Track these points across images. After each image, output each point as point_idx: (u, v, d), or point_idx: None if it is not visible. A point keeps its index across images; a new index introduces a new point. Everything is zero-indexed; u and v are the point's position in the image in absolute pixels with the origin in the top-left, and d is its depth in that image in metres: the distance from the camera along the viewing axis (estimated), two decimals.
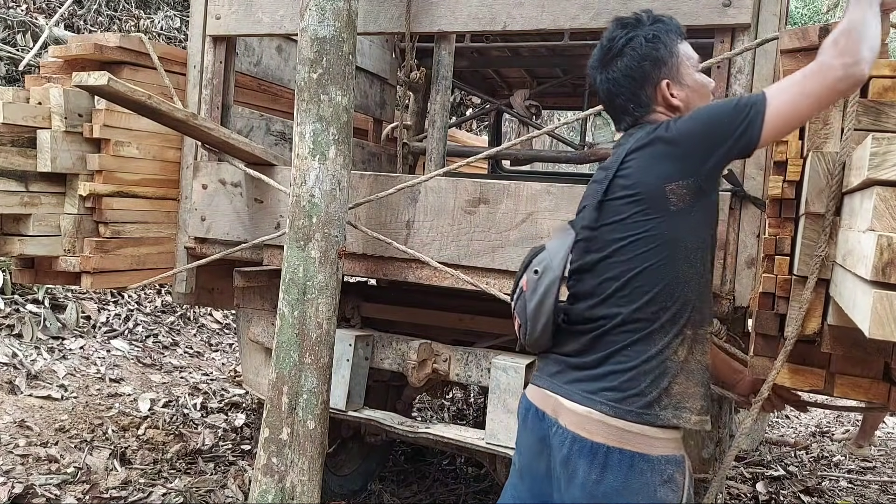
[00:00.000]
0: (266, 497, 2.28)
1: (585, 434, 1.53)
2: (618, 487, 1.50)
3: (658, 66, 1.63)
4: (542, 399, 1.65)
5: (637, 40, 1.63)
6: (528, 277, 1.65)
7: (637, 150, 1.58)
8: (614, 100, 1.69)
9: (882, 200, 1.03)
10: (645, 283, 1.54)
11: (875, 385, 1.52)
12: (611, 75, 1.67)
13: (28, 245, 2.71)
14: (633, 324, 1.54)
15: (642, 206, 1.54)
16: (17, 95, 2.68)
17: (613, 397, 1.52)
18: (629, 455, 1.51)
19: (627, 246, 1.55)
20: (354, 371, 2.74)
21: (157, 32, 6.91)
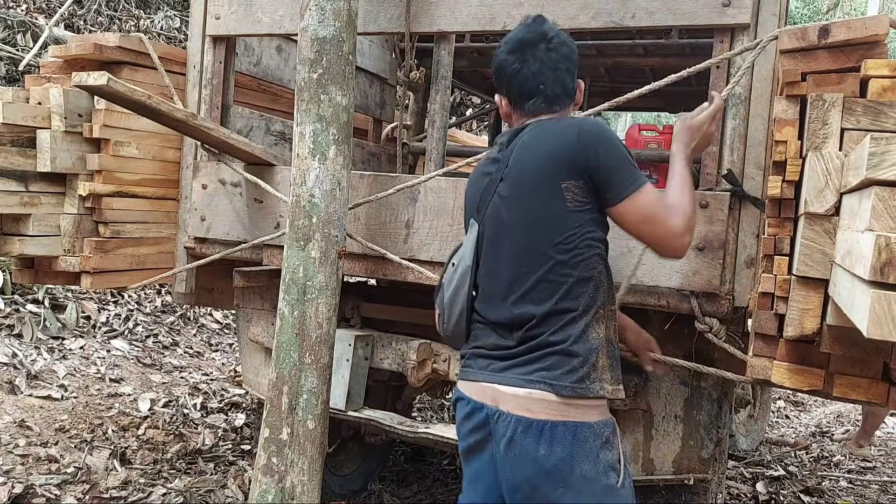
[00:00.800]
0: (266, 497, 2.28)
1: (529, 414, 1.63)
2: (565, 457, 1.61)
3: (576, 69, 1.84)
4: (479, 392, 1.73)
5: (570, 42, 1.82)
6: (447, 271, 1.86)
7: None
8: (530, 82, 1.78)
9: (880, 200, 1.03)
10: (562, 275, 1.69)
11: (874, 385, 1.52)
12: (545, 58, 1.77)
13: (28, 245, 2.71)
14: (557, 315, 1.66)
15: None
16: (17, 95, 2.69)
17: (549, 376, 1.63)
18: (572, 426, 1.62)
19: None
20: (354, 371, 2.74)
21: (157, 32, 6.92)
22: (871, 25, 1.65)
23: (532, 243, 1.69)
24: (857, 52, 1.65)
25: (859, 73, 1.60)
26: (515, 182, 1.73)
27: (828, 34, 1.67)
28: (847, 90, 1.61)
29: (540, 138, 1.74)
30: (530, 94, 1.80)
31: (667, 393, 2.54)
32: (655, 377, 2.50)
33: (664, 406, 2.54)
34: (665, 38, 3.92)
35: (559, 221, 1.67)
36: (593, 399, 1.66)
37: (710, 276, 2.17)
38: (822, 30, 1.67)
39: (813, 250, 1.47)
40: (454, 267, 1.82)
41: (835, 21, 1.69)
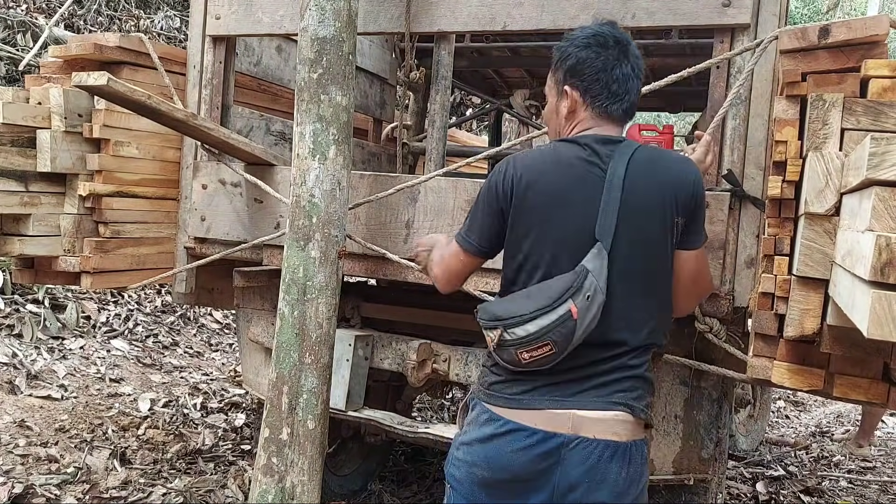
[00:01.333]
0: (266, 497, 2.28)
1: (615, 437, 1.62)
2: (634, 476, 1.63)
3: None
4: (546, 420, 1.62)
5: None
6: (580, 304, 1.58)
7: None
8: (632, 83, 1.71)
9: (881, 201, 1.03)
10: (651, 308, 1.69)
11: (874, 385, 1.52)
12: (638, 62, 1.72)
13: (28, 245, 2.71)
14: (646, 347, 1.69)
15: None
16: (17, 95, 2.68)
17: (627, 397, 1.65)
18: (640, 444, 1.66)
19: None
20: (354, 371, 2.75)
21: (157, 32, 6.91)
22: (872, 26, 1.65)
23: (652, 275, 1.67)
24: (857, 52, 1.65)
25: (859, 73, 1.59)
26: (639, 207, 1.63)
27: (828, 34, 1.67)
28: (847, 90, 1.61)
29: (656, 166, 1.67)
30: (618, 96, 1.69)
31: (667, 393, 2.54)
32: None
33: (664, 406, 2.54)
34: (665, 38, 3.92)
35: (667, 255, 1.68)
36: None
37: None
38: (822, 30, 1.67)
39: (813, 250, 1.47)
40: (589, 300, 1.58)
41: (835, 21, 1.69)
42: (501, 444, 1.65)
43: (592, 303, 1.58)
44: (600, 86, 1.68)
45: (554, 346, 1.59)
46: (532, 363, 1.62)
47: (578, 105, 1.70)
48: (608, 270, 1.60)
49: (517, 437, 1.64)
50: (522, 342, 1.60)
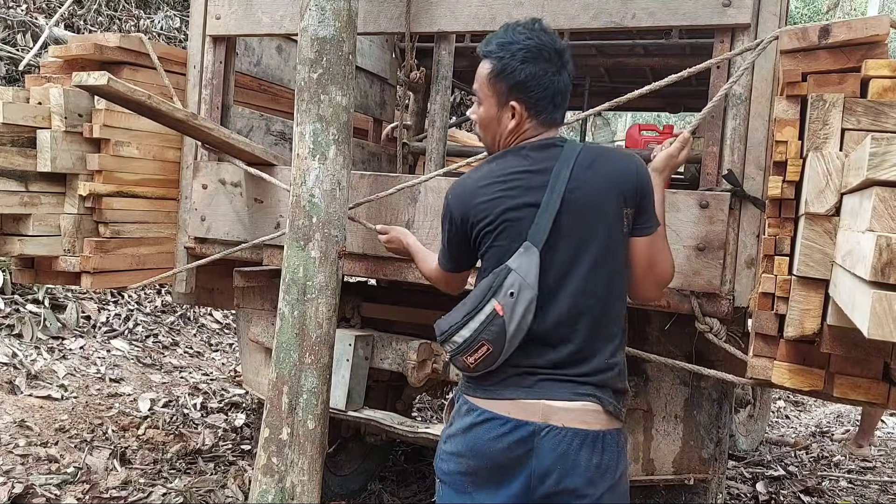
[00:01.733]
0: (266, 497, 2.28)
1: (584, 426, 1.66)
2: (608, 464, 1.67)
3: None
4: (519, 409, 1.69)
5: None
6: (504, 301, 1.67)
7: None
8: (565, 95, 1.79)
9: (881, 201, 1.03)
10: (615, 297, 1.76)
11: (875, 385, 1.52)
12: (568, 73, 1.79)
13: (28, 245, 2.71)
14: (613, 339, 1.75)
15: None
16: (17, 95, 2.68)
17: (593, 390, 1.69)
18: (614, 433, 1.70)
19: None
20: (354, 371, 2.74)
21: (157, 32, 6.91)
22: (872, 26, 1.65)
23: (602, 267, 1.70)
24: (857, 52, 1.65)
25: (860, 73, 1.60)
26: (584, 204, 1.69)
27: (828, 34, 1.67)
28: (848, 90, 1.61)
29: (601, 162, 1.73)
30: (559, 106, 1.78)
31: (667, 393, 2.54)
32: (655, 377, 2.50)
33: (664, 406, 2.54)
34: (665, 38, 3.93)
35: (621, 247, 1.73)
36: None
37: (710, 277, 2.17)
38: (822, 30, 1.67)
39: (813, 250, 1.47)
40: (513, 297, 1.66)
41: (835, 21, 1.69)
42: (480, 433, 1.72)
43: (519, 299, 1.66)
44: (547, 100, 1.76)
45: (490, 344, 1.68)
46: (479, 365, 1.70)
47: (524, 118, 1.77)
48: (548, 268, 1.68)
49: (493, 425, 1.70)
50: (462, 348, 1.71)
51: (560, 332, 1.69)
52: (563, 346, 1.69)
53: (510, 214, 1.71)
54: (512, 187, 1.72)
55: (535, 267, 1.67)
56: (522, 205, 1.70)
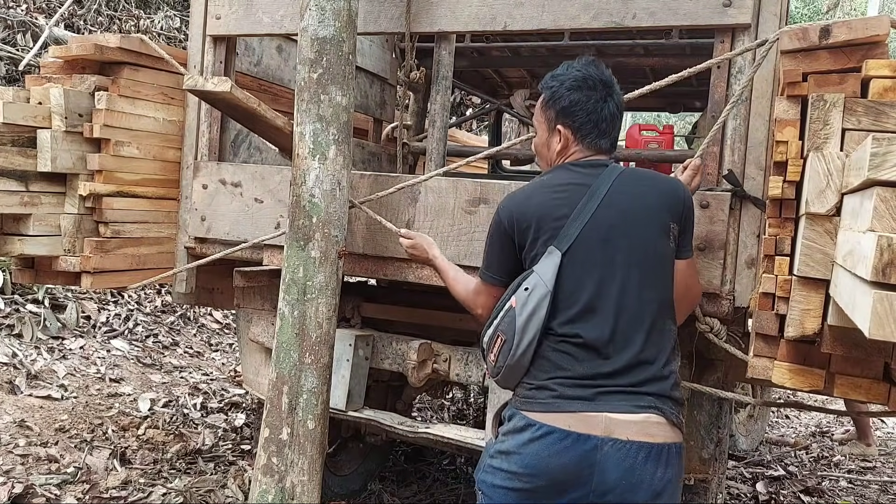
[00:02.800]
0: (266, 497, 2.28)
1: (649, 438, 1.66)
2: (671, 477, 1.69)
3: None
4: (580, 422, 1.67)
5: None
6: (518, 296, 1.75)
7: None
8: (614, 122, 1.89)
9: (882, 201, 1.03)
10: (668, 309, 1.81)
11: (875, 385, 1.52)
12: (620, 100, 1.90)
13: (28, 245, 2.71)
14: (670, 349, 1.79)
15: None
16: (18, 95, 2.68)
17: (659, 402, 1.70)
18: (678, 446, 1.72)
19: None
20: (354, 371, 2.74)
21: (157, 32, 6.91)
22: (872, 26, 1.65)
23: (650, 276, 1.75)
24: (858, 52, 1.65)
25: (860, 73, 1.59)
26: (626, 216, 1.77)
27: (829, 35, 1.67)
28: (848, 90, 1.61)
29: (644, 179, 1.87)
30: (606, 133, 1.88)
31: None
32: None
33: None
34: (665, 38, 3.92)
35: (669, 259, 1.80)
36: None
37: (710, 277, 2.17)
38: (822, 30, 1.67)
39: (814, 251, 1.47)
40: (528, 291, 1.73)
41: (836, 21, 1.69)
42: (539, 448, 1.69)
43: (532, 294, 1.73)
44: (591, 125, 1.86)
45: (503, 335, 1.76)
46: (498, 360, 1.78)
47: (570, 142, 1.88)
48: (574, 272, 1.73)
49: (552, 439, 1.68)
50: (487, 346, 1.82)
51: (614, 341, 1.70)
52: (618, 355, 1.70)
53: (551, 223, 1.78)
54: (555, 198, 1.81)
55: (554, 267, 1.72)
56: (562, 215, 1.77)
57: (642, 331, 1.71)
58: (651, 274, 1.75)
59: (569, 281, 1.73)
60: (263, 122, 2.58)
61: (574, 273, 1.73)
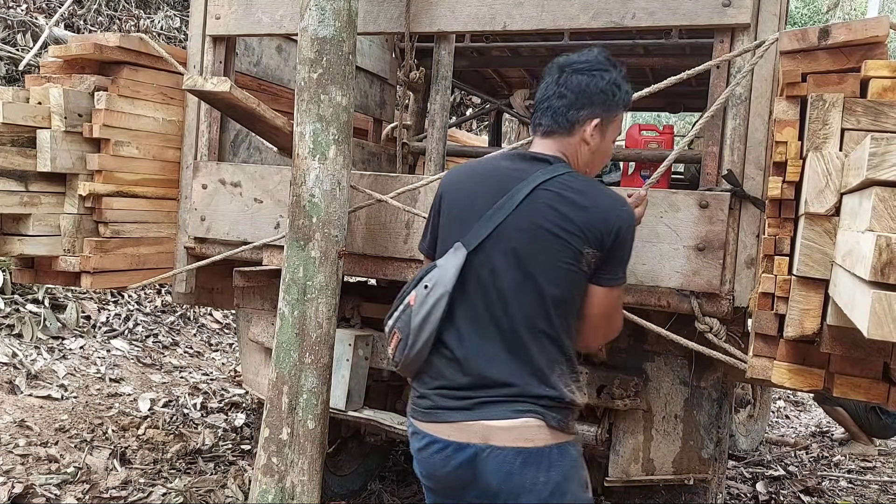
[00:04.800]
0: (266, 497, 2.29)
1: (526, 443, 1.64)
2: (556, 479, 1.65)
3: (602, 106, 1.75)
4: (458, 431, 1.68)
5: (609, 76, 1.76)
6: (418, 293, 1.72)
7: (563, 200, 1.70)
8: (552, 99, 1.77)
9: (881, 201, 1.03)
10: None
11: (874, 385, 1.52)
12: (571, 80, 1.75)
13: (28, 245, 2.71)
14: (551, 363, 1.72)
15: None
16: (17, 95, 2.68)
17: (533, 407, 1.66)
18: (564, 447, 1.68)
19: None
20: (354, 371, 2.74)
21: (157, 32, 6.91)
22: (872, 27, 1.65)
23: (540, 293, 1.67)
24: (857, 53, 1.65)
25: (859, 73, 1.60)
26: (534, 228, 1.68)
27: (828, 36, 1.67)
28: (847, 90, 1.61)
29: (580, 195, 1.70)
30: (545, 112, 1.81)
31: (667, 393, 2.54)
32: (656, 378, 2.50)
33: (664, 406, 2.54)
34: (665, 38, 3.92)
35: (569, 281, 1.68)
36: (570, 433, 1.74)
37: (710, 277, 2.17)
38: (822, 31, 1.67)
39: (813, 250, 1.47)
40: (427, 290, 1.70)
41: (835, 23, 1.70)
42: (427, 456, 1.75)
43: (431, 294, 1.69)
44: (537, 109, 1.81)
45: (400, 333, 1.75)
46: (395, 355, 1.78)
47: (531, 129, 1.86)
48: (476, 276, 1.70)
49: (435, 448, 1.72)
50: (387, 337, 1.80)
51: (487, 348, 1.68)
52: (494, 364, 1.68)
53: (467, 213, 1.74)
54: (484, 188, 1.75)
55: (456, 268, 1.69)
56: (481, 210, 1.72)
57: (522, 344, 1.67)
58: (540, 290, 1.67)
59: (467, 285, 1.70)
60: (263, 122, 2.58)
61: (471, 278, 1.70)
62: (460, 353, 1.71)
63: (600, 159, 1.84)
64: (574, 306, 1.71)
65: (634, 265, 2.24)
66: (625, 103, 1.80)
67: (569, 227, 1.66)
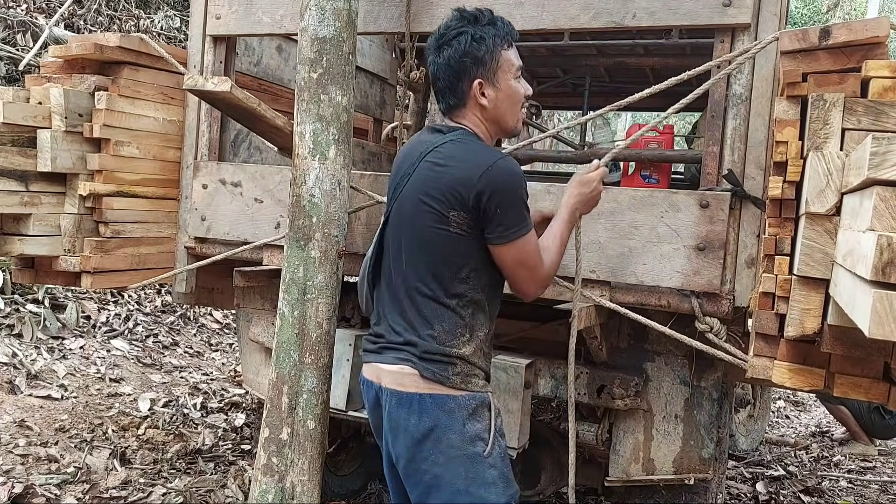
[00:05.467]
0: (266, 497, 2.28)
1: (400, 387, 1.81)
2: (432, 426, 1.77)
3: (476, 65, 1.82)
4: (369, 371, 1.94)
5: (464, 37, 1.81)
6: (366, 253, 2.05)
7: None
8: (436, 83, 1.89)
9: (882, 200, 1.03)
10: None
11: (875, 385, 1.52)
12: (438, 60, 1.86)
13: (28, 245, 2.71)
14: (436, 322, 1.86)
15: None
16: (18, 95, 2.68)
17: (410, 357, 1.82)
18: (440, 397, 1.78)
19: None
20: (354, 371, 2.74)
21: (157, 32, 6.91)
22: (872, 27, 1.65)
23: (412, 255, 1.84)
24: (857, 53, 1.65)
25: (860, 73, 1.60)
26: (410, 195, 1.85)
27: (828, 36, 1.67)
28: (848, 90, 1.61)
29: (447, 159, 1.81)
30: (438, 92, 1.93)
31: (667, 393, 2.54)
32: (656, 377, 2.51)
33: (664, 406, 2.54)
34: (665, 38, 3.93)
35: (439, 243, 1.80)
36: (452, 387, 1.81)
37: (710, 276, 2.17)
38: (822, 31, 1.67)
39: (814, 250, 1.47)
40: (368, 251, 2.02)
41: (836, 23, 1.70)
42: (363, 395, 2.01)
43: (364, 257, 2.04)
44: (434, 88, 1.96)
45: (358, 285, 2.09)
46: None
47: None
48: (385, 242, 1.94)
49: (364, 385, 1.98)
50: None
51: (391, 304, 1.89)
52: (393, 317, 1.88)
53: (392, 179, 1.98)
54: (405, 157, 1.95)
55: (377, 234, 1.97)
56: (398, 176, 1.94)
57: (404, 300, 1.84)
58: (413, 254, 1.83)
59: (384, 249, 1.94)
60: (263, 121, 2.58)
61: (386, 243, 1.93)
62: (378, 306, 1.96)
63: (508, 107, 1.89)
64: (458, 265, 1.79)
65: (635, 265, 2.24)
66: (495, 44, 1.83)
67: (433, 193, 1.78)
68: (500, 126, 1.91)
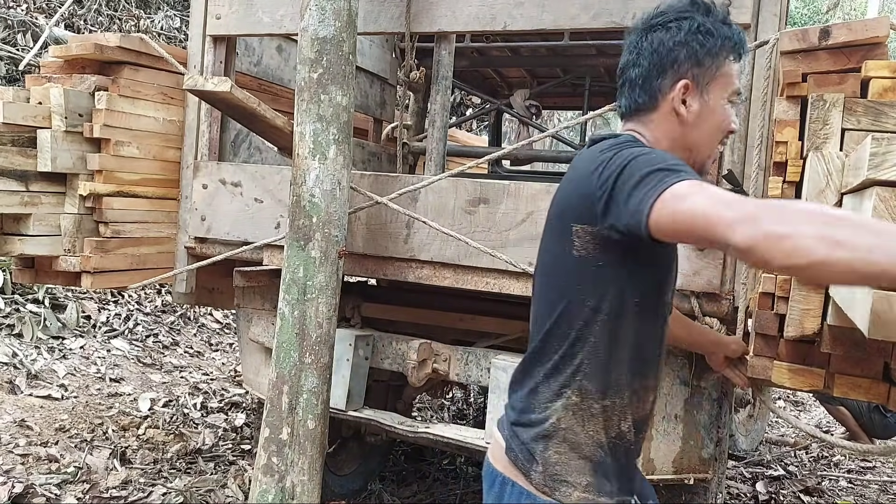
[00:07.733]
0: (266, 497, 2.28)
1: (490, 457, 1.49)
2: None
3: (690, 61, 1.37)
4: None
5: (690, 23, 1.37)
6: None
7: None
8: (627, 70, 1.44)
9: (882, 201, 1.03)
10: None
11: (875, 385, 1.52)
12: (643, 43, 1.41)
13: (28, 245, 2.71)
14: (540, 381, 1.42)
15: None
16: (18, 95, 2.68)
17: (510, 425, 1.45)
18: (505, 481, 1.42)
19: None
20: (354, 371, 2.74)
21: (157, 32, 6.91)
22: (872, 28, 1.65)
23: (542, 289, 1.43)
24: (857, 53, 1.65)
25: (860, 73, 1.60)
26: (550, 214, 1.44)
27: (828, 36, 1.67)
28: (848, 91, 1.61)
29: (573, 166, 1.42)
30: (619, 87, 1.49)
31: (667, 393, 2.54)
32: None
33: (664, 406, 2.54)
34: None
35: (566, 271, 1.36)
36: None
37: (710, 277, 2.17)
38: (822, 31, 1.67)
39: None
40: None
41: (835, 23, 1.70)
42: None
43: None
44: (618, 88, 1.52)
45: None
46: None
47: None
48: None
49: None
50: None
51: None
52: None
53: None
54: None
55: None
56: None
57: (530, 349, 1.44)
58: (543, 286, 1.43)
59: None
60: (263, 122, 2.58)
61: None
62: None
63: (709, 131, 1.41)
64: (572, 303, 1.34)
65: None
66: (723, 47, 1.37)
67: (559, 204, 1.40)
68: (691, 155, 1.41)
